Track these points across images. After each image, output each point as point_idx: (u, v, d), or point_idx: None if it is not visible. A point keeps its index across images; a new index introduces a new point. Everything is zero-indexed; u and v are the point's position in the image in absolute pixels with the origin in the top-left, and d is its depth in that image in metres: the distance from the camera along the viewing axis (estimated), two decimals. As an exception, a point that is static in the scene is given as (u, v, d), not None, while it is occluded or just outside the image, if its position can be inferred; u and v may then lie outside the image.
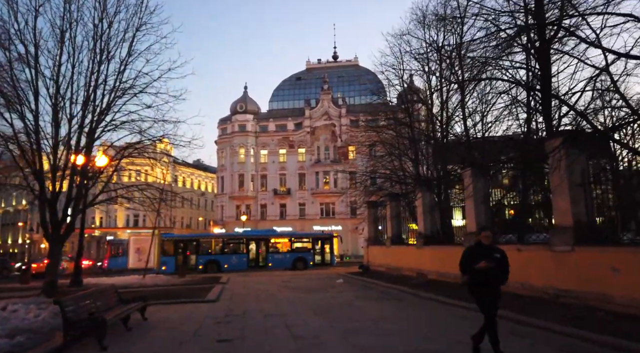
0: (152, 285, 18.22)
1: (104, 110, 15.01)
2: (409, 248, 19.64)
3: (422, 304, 11.39)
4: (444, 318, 9.18)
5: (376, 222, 25.18)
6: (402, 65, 21.34)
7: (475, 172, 13.61)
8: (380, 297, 13.19)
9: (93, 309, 7.45)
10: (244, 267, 29.51)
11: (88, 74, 14.93)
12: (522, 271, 11.05)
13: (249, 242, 31.06)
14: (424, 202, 17.67)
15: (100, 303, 8.28)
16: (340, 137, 57.41)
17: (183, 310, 10.94)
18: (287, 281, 19.95)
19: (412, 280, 16.79)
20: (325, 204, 56.73)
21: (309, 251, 31.36)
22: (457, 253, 14.84)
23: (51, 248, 14.36)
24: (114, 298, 9.10)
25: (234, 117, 59.46)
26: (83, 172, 14.84)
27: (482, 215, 13.48)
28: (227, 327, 8.55)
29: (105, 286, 9.45)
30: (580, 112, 9.96)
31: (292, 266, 29.99)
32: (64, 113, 14.64)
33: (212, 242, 31.34)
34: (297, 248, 31.46)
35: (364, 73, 62.39)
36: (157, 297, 13.27)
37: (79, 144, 14.88)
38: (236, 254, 30.29)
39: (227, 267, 28.79)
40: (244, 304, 12.01)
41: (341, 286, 17.30)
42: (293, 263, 30.20)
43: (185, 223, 71.51)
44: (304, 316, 9.63)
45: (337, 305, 11.43)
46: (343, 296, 13.67)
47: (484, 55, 12.54)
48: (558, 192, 9.83)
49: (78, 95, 14.84)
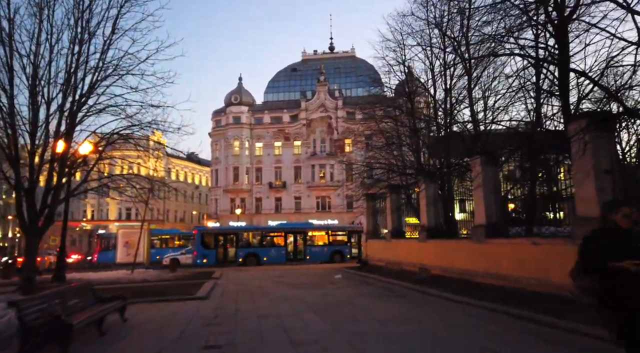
0: (140, 281, 17.25)
1: (86, 93, 13.93)
2: (410, 242, 18.78)
3: (429, 302, 10.48)
4: (458, 318, 8.23)
5: (375, 215, 24.31)
6: (403, 51, 20.32)
7: (485, 160, 12.69)
8: (382, 294, 12.28)
9: (60, 311, 6.45)
10: (282, 260, 29.54)
11: (69, 53, 13.86)
12: (540, 266, 10.20)
13: (287, 234, 30.97)
14: (428, 193, 16.76)
15: (71, 304, 7.30)
16: (337, 129, 56.43)
17: (169, 309, 9.97)
18: (281, 276, 19.02)
19: (414, 275, 15.97)
20: (321, 198, 55.83)
21: (346, 244, 31.11)
22: (463, 247, 14.17)
23: (28, 241, 13.31)
24: (89, 296, 8.10)
25: (228, 108, 58.29)
26: (63, 159, 13.76)
27: (492, 206, 12.58)
28: (216, 329, 7.59)
29: (81, 283, 8.46)
30: (609, 90, 8.99)
31: (330, 259, 29.74)
32: (42, 95, 13.56)
33: (251, 234, 31.67)
34: (334, 241, 31.25)
35: (361, 64, 61.42)
36: (143, 294, 12.32)
37: (59, 129, 13.82)
38: (274, 247, 30.43)
39: (266, 260, 29.07)
40: (237, 302, 11.05)
41: (340, 282, 16.39)
42: (331, 256, 29.95)
43: (179, 217, 70.42)
44: (303, 316, 8.68)
45: (337, 304, 10.50)
46: (343, 293, 12.76)
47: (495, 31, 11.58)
48: (582, 180, 8.91)
49: (57, 76, 13.79)
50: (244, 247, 30.05)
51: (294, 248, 30.71)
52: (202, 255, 28.77)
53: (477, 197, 13.12)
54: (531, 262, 10.44)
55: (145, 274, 19.98)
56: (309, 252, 30.37)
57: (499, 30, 11.79)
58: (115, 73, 14.10)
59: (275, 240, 30.93)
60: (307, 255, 30.09)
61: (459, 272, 13.77)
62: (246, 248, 29.94)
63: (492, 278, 11.89)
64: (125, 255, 25.28)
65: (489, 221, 12.51)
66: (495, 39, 10.86)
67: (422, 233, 16.92)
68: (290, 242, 30.79)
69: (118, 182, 15.92)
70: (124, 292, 12.82)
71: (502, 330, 7.09)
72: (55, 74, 13.76)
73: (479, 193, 12.88)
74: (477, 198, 13.14)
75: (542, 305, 8.60)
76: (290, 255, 30.22)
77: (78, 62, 13.81)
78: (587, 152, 8.60)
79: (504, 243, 11.78)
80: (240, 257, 29.10)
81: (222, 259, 28.93)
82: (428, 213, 16.77)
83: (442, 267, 15.12)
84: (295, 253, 30.47)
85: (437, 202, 16.93)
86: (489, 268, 12.13)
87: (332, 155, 55.17)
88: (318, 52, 66.43)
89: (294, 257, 30.11)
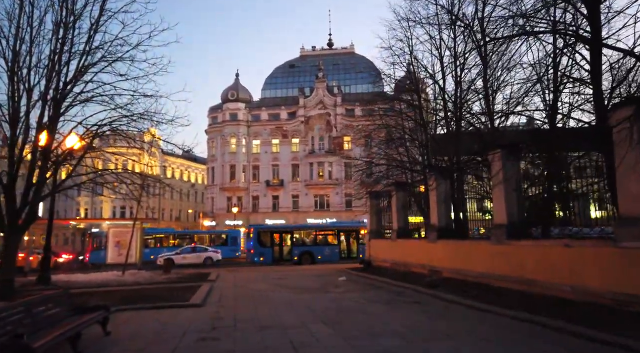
0: (132, 284, 16.14)
1: (72, 80, 12.76)
2: (419, 243, 17.74)
3: (450, 310, 9.43)
4: (495, 333, 7.09)
5: (379, 214, 23.24)
6: (411, 41, 19.28)
7: (506, 155, 11.65)
8: (395, 300, 11.21)
9: (26, 327, 5.36)
10: (336, 258, 29.63)
11: (53, 37, 12.68)
12: (573, 271, 9.17)
13: (340, 233, 31.14)
14: (439, 191, 15.71)
15: (43, 317, 6.21)
16: (336, 127, 55.36)
17: (160, 319, 8.85)
18: (281, 278, 17.95)
19: (424, 277, 14.94)
20: (319, 196, 54.76)
21: None
22: (480, 249, 13.07)
23: (7, 241, 12.16)
24: (65, 306, 7.01)
25: (225, 105, 57.10)
26: (46, 152, 12.61)
27: (514, 205, 11.55)
28: (213, 346, 6.52)
29: (56, 291, 7.35)
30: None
31: None
32: (23, 82, 12.38)
33: (305, 233, 31.92)
34: None
35: (361, 61, 60.35)
36: (132, 300, 11.23)
37: (42, 120, 12.66)
38: (329, 246, 30.77)
39: (320, 259, 29.22)
40: (236, 310, 9.96)
41: (345, 285, 15.35)
42: None
43: (174, 215, 69.22)
44: (312, 329, 7.61)
45: (347, 312, 9.43)
46: (351, 298, 11.70)
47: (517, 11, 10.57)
48: (628, 175, 7.87)
49: (40, 60, 12.62)
50: (299, 245, 30.43)
51: (347, 247, 30.80)
52: (260, 254, 29.35)
53: (497, 195, 12.07)
54: (563, 266, 9.41)
55: (137, 276, 18.84)
56: (362, 250, 29.45)
57: (520, 11, 10.84)
58: (104, 59, 12.95)
59: (330, 239, 31.17)
60: (361, 254, 29.14)
61: (475, 276, 12.74)
62: (301, 247, 30.16)
63: (515, 283, 10.87)
64: (117, 255, 24.07)
65: (510, 221, 11.48)
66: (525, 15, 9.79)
67: (433, 234, 15.87)
68: (342, 241, 30.95)
69: (108, 178, 14.77)
70: (111, 297, 11.81)
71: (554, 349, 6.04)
72: (38, 58, 12.60)
73: (499, 190, 11.83)
74: (497, 196, 12.09)
75: (582, 316, 7.58)
76: (343, 254, 30.33)
77: (63, 46, 12.65)
78: (633, 142, 7.59)
79: (530, 245, 10.74)
80: (295, 256, 29.14)
81: (278, 258, 29.46)
82: (439, 213, 15.73)
83: (455, 270, 14.09)
84: (348, 252, 30.55)
85: (449, 201, 15.90)
86: (511, 272, 11.10)
87: (331, 153, 54.15)
88: (317, 48, 65.26)
89: (347, 256, 29.99)
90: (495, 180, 11.99)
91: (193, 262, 29.40)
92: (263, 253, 29.38)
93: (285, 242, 30.43)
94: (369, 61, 56.71)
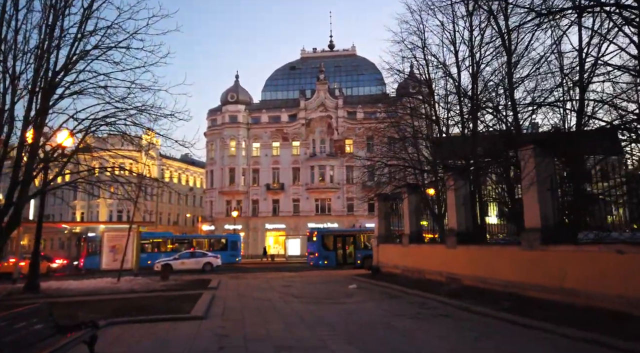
0: (126, 291, 14.99)
1: (62, 69, 11.68)
2: (435, 248, 16.63)
3: (489, 325, 8.27)
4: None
5: (388, 218, 22.15)
6: (423, 34, 18.32)
7: (540, 151, 10.58)
8: (419, 312, 10.06)
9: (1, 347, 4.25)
10: None
11: (42, 21, 11.62)
12: (628, 281, 8.09)
13: None
14: (458, 192, 14.64)
15: (15, 337, 5.09)
16: (337, 129, 54.40)
17: (156, 336, 7.71)
18: (287, 285, 16.81)
19: (440, 285, 13.87)
20: (320, 200, 53.71)
21: None
22: (509, 255, 11.80)
23: (-12, 246, 11.06)
24: (46, 324, 5.88)
25: (224, 107, 56.10)
26: (33, 148, 11.50)
27: (549, 207, 10.49)
28: (221, 372, 5.40)
29: (36, 305, 6.22)
30: None
31: None
32: (7, 70, 11.28)
33: (367, 237, 31.13)
34: None
35: (362, 63, 59.57)
36: (125, 311, 10.09)
37: (29, 113, 11.55)
38: None
39: None
40: (244, 325, 8.80)
41: (357, 293, 14.22)
42: None
43: (172, 219, 67.95)
44: (334, 349, 6.49)
45: (370, 327, 8.31)
46: (368, 309, 10.58)
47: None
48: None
49: (27, 46, 11.52)
50: (361, 249, 30.04)
51: None
52: (324, 257, 29.70)
53: (528, 196, 10.98)
54: (614, 275, 8.33)
55: (133, 283, 17.67)
56: (358, 256, 29.70)
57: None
58: (98, 47, 11.87)
59: None
60: (358, 260, 29.21)
61: (502, 284, 11.63)
62: (364, 250, 29.59)
63: (551, 292, 9.79)
64: (111, 260, 22.91)
65: (544, 224, 10.39)
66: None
67: (451, 238, 14.77)
68: None
69: (102, 178, 13.66)
70: (102, 307, 10.64)
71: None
72: (24, 44, 11.51)
73: (531, 191, 10.74)
74: (528, 198, 11.00)
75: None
76: None
77: (52, 31, 11.56)
78: None
79: (570, 251, 9.64)
80: (358, 259, 28.76)
81: (341, 261, 29.79)
82: (458, 216, 14.64)
83: (477, 277, 13.00)
84: None
85: (468, 203, 14.83)
86: (548, 281, 10.00)
87: (332, 156, 53.19)
88: (317, 50, 64.43)
89: None
90: (526, 180, 10.90)
91: (191, 267, 28.17)
92: (327, 257, 29.72)
93: (347, 246, 30.63)
94: (370, 63, 55.93)
